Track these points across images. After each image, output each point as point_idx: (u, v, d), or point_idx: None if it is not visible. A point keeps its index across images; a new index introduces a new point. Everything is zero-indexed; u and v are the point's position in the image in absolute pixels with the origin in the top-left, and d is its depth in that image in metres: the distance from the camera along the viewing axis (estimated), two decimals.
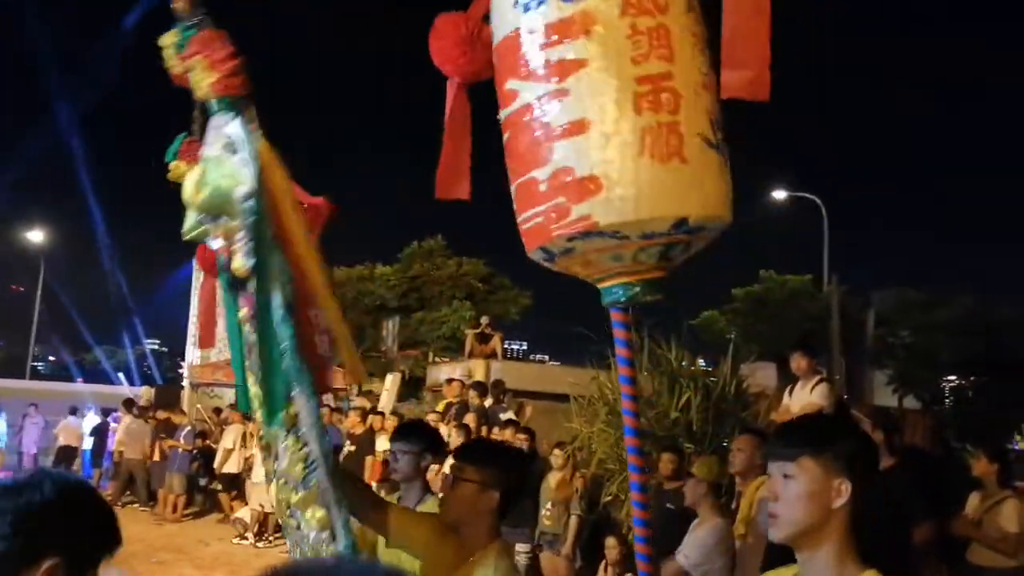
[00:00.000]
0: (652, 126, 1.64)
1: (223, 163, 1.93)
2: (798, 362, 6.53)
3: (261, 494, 11.46)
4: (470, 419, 8.92)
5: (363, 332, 26.27)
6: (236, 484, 12.31)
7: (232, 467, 12.15)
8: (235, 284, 2.00)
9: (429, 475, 3.53)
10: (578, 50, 1.66)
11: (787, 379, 7.73)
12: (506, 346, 17.67)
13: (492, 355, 14.98)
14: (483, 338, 15.33)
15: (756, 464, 4.81)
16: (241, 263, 1.94)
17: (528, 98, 1.72)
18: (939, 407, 21.05)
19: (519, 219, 1.79)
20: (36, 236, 34.46)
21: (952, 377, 21.83)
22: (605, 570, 7.12)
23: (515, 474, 2.50)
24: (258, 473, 11.63)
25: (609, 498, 7.19)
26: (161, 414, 14.07)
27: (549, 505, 7.14)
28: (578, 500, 7.11)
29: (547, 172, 1.68)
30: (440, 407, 10.69)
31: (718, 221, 1.76)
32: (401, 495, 3.34)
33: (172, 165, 2.19)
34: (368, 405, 12.66)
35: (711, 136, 1.70)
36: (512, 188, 1.81)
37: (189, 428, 13.27)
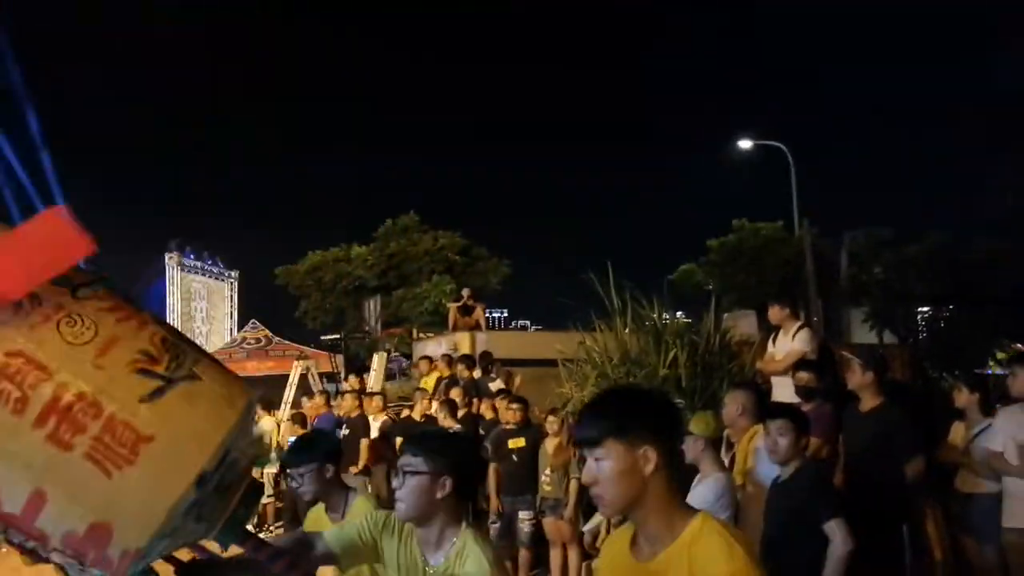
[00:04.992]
0: (89, 447, 1.51)
1: None
2: (777, 312, 6.68)
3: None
4: (456, 393, 8.97)
5: (344, 313, 26.20)
6: None
7: None
8: None
9: None
10: None
11: (768, 326, 7.88)
12: (487, 315, 17.74)
13: (476, 327, 15.04)
14: (466, 310, 15.38)
15: (750, 416, 4.97)
16: None
17: None
18: (914, 339, 21.48)
19: None
20: None
21: (925, 308, 22.23)
22: (607, 530, 7.26)
23: (465, 457, 2.46)
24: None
25: None
26: None
27: (548, 471, 7.25)
28: (576, 464, 7.22)
29: (58, 541, 1.55)
30: (428, 384, 10.74)
31: (230, 435, 1.61)
32: (326, 509, 3.31)
33: None
34: (359, 385, 12.67)
35: (152, 384, 1.56)
36: None
37: None
